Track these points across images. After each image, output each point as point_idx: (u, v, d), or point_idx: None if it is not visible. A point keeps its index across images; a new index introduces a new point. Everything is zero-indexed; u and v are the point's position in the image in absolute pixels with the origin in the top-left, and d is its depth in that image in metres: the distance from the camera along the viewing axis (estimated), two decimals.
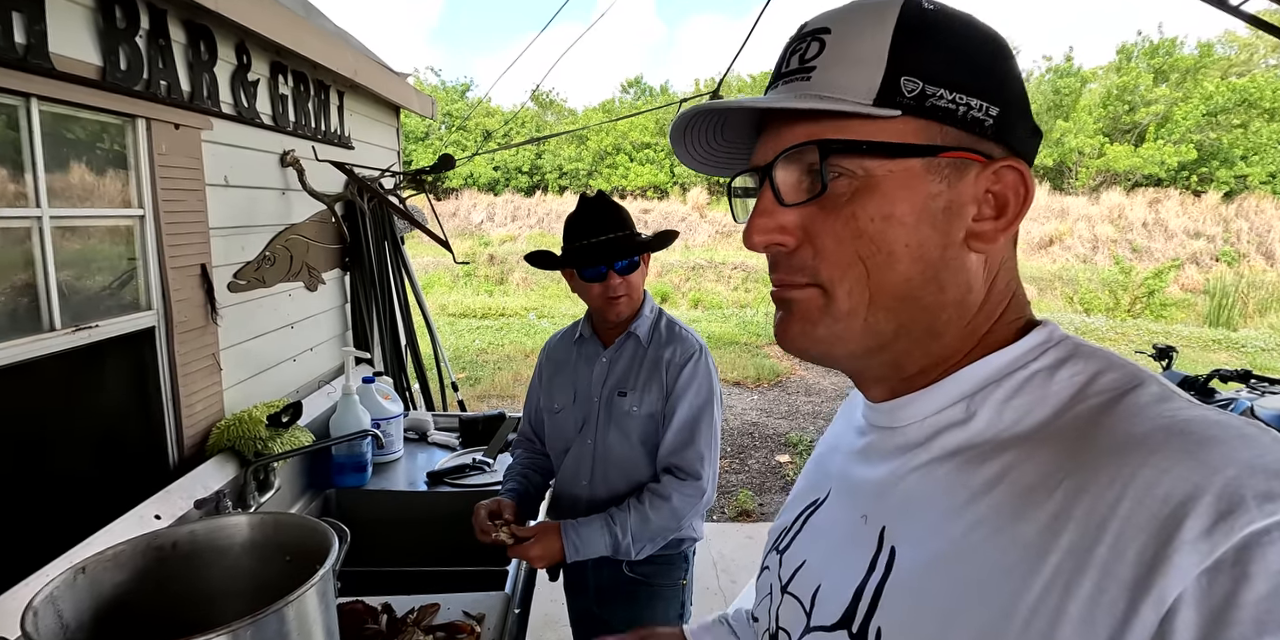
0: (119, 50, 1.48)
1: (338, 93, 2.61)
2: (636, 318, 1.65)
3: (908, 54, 0.48)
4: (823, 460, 0.70)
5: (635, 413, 1.59)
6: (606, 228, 1.57)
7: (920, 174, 0.49)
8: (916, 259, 0.49)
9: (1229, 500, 0.36)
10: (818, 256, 0.50)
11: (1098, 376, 0.47)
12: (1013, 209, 0.50)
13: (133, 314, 1.58)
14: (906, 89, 0.48)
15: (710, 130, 0.57)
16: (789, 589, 0.61)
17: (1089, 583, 0.38)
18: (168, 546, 0.99)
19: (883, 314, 0.50)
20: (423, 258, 13.37)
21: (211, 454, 1.73)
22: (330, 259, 2.62)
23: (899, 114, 0.48)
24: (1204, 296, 12.11)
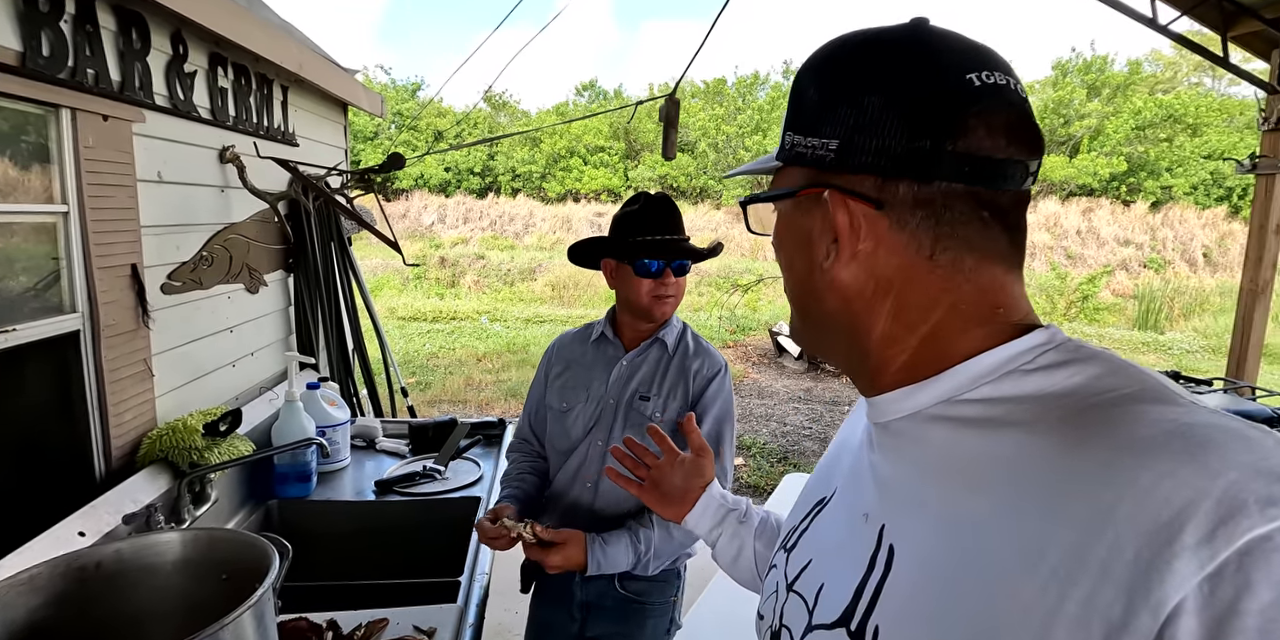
0: (42, 35, 1.38)
1: (281, 87, 2.51)
2: (665, 325, 1.63)
3: (789, 111, 0.57)
4: (834, 458, 0.71)
5: (658, 418, 1.55)
6: (671, 228, 1.57)
7: (792, 210, 0.58)
8: (796, 277, 0.59)
9: (1230, 505, 0.35)
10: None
11: (1098, 378, 0.47)
12: (844, 238, 0.53)
13: (55, 317, 1.48)
14: (786, 143, 0.57)
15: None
16: (794, 587, 0.61)
17: (1086, 584, 0.38)
18: (91, 567, 0.92)
19: (801, 317, 0.62)
20: (371, 260, 13.06)
21: (142, 465, 1.63)
22: (273, 260, 2.51)
23: (781, 165, 0.58)
24: (1134, 301, 12.66)
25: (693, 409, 1.56)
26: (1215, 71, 20.04)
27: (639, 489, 1.02)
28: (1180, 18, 4.50)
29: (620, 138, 20.18)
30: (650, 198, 1.60)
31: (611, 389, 1.61)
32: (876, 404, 0.57)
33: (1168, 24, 4.55)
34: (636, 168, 19.71)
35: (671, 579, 1.62)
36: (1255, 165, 4.50)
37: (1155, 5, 4.48)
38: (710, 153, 18.83)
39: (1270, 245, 4.43)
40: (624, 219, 1.59)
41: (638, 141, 20.27)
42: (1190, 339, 10.11)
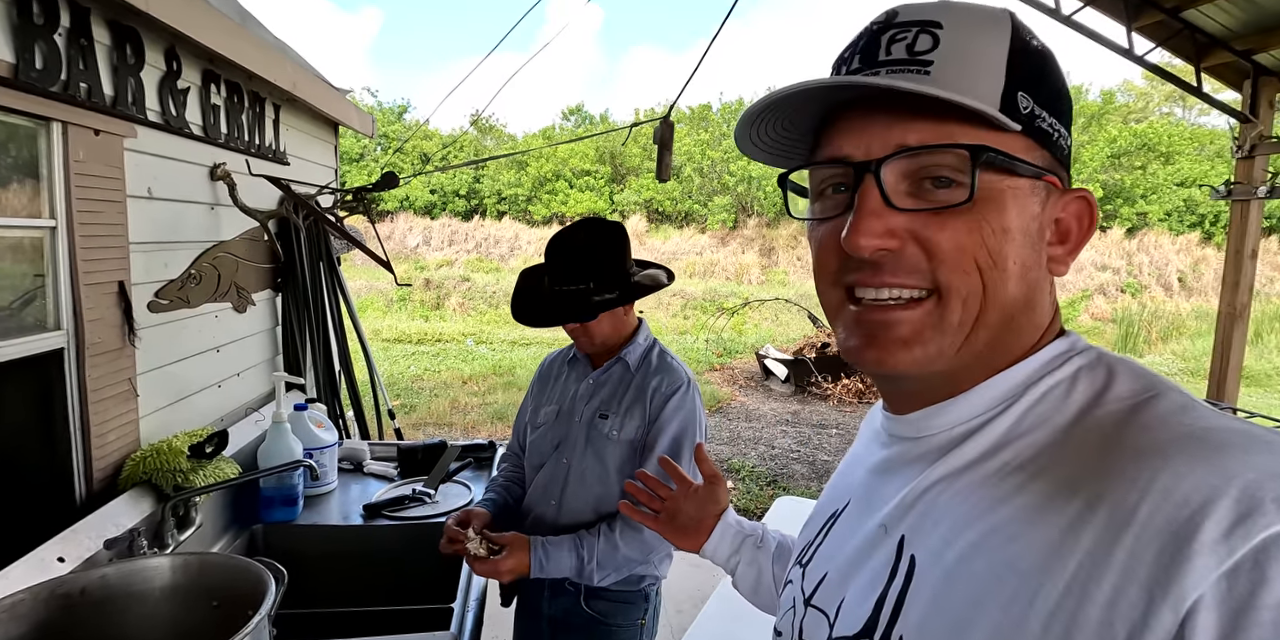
0: (35, 48, 1.36)
1: (274, 106, 2.50)
2: (629, 344, 1.61)
3: (1022, 70, 0.47)
4: (845, 473, 0.70)
5: (614, 437, 1.54)
6: (567, 277, 1.51)
7: (1028, 193, 0.48)
8: (1021, 277, 0.48)
9: (1247, 504, 0.36)
10: (934, 259, 0.47)
11: (1117, 385, 0.48)
12: (1075, 237, 0.51)
13: (39, 334, 1.44)
14: (1021, 105, 0.47)
15: (779, 117, 0.53)
16: (813, 602, 0.60)
17: (1107, 586, 0.38)
18: (75, 594, 0.87)
19: (984, 331, 0.49)
20: (356, 281, 12.97)
21: (125, 488, 1.58)
22: (261, 279, 2.48)
23: (1020, 129, 0.47)
24: (1113, 325, 12.84)
25: (650, 427, 1.54)
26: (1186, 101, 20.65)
27: (654, 522, 1.00)
28: (1155, 49, 4.63)
29: (606, 161, 20.33)
30: (557, 237, 1.54)
31: (576, 407, 1.62)
32: (910, 420, 0.56)
33: (1143, 55, 4.68)
34: (622, 191, 19.83)
35: (638, 601, 1.61)
36: (1230, 191, 4.61)
37: (1131, 37, 4.61)
38: (695, 177, 18.99)
39: (1247, 269, 4.52)
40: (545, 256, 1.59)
41: (623, 165, 20.42)
42: (1169, 362, 10.25)
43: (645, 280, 1.57)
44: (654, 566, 1.59)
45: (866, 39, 0.51)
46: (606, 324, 1.55)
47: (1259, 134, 4.55)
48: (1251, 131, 4.52)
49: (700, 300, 13.57)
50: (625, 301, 1.52)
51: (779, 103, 0.50)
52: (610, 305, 1.50)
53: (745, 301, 11.55)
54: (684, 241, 17.86)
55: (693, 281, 15.49)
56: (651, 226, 18.95)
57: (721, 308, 11.71)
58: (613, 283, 1.51)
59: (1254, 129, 4.52)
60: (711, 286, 14.66)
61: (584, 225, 1.54)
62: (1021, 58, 0.48)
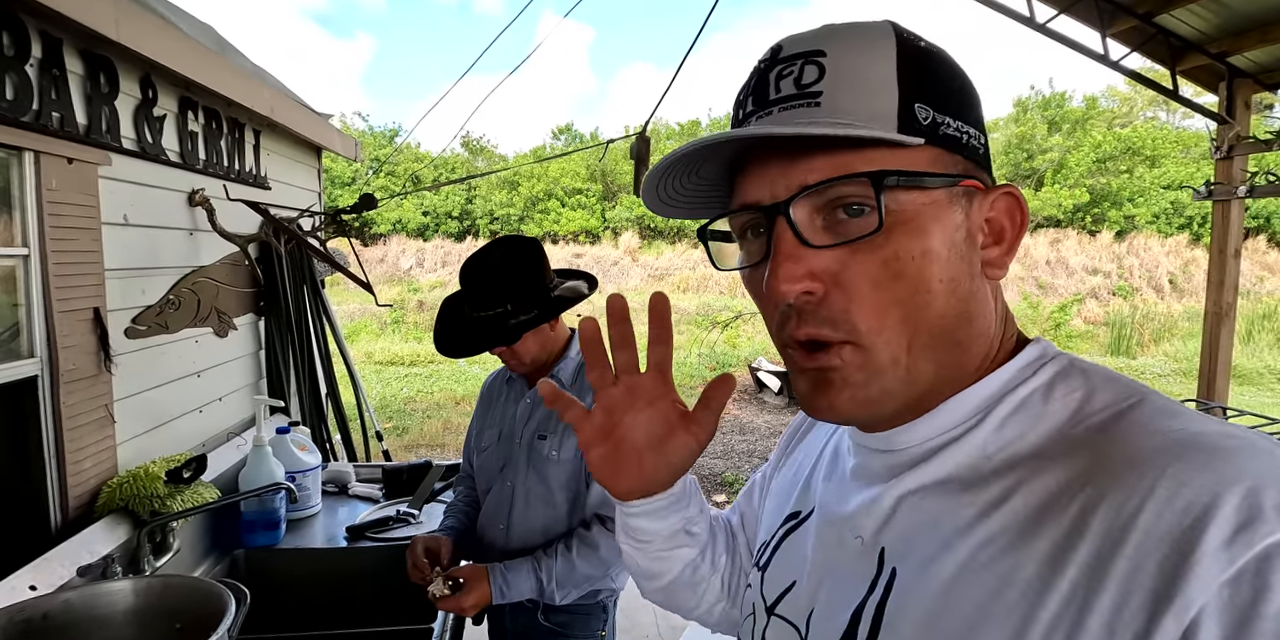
0: (6, 79, 1.38)
1: (254, 131, 2.52)
2: (561, 359, 1.59)
3: (914, 81, 0.47)
4: (802, 474, 0.67)
5: (555, 458, 1.53)
6: (479, 304, 1.49)
7: (946, 205, 0.47)
8: (950, 293, 0.47)
9: (1248, 511, 0.36)
10: (852, 303, 0.46)
11: (1096, 392, 0.47)
12: (1010, 234, 0.50)
13: (12, 361, 1.44)
14: (920, 117, 0.46)
15: (685, 170, 0.52)
16: (777, 611, 0.58)
17: (1108, 596, 0.38)
18: (37, 618, 0.87)
19: (921, 356, 0.48)
20: (349, 305, 12.96)
21: (101, 515, 1.57)
22: (243, 303, 2.48)
23: (922, 142, 0.46)
24: (1105, 328, 12.87)
25: None
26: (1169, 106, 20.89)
27: (585, 417, 0.63)
28: (1131, 54, 4.69)
29: (597, 180, 20.45)
30: (468, 263, 1.51)
31: (516, 429, 1.60)
32: (881, 435, 0.54)
33: (1119, 60, 4.74)
34: (614, 208, 19.93)
35: (595, 613, 1.60)
36: (1211, 192, 4.66)
37: (1107, 43, 4.68)
38: None
39: (1231, 268, 4.55)
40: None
41: (614, 183, 20.54)
42: (1161, 363, 10.27)
43: (566, 293, 1.54)
44: (610, 579, 1.58)
45: (756, 78, 0.51)
46: (533, 343, 1.53)
47: (1236, 135, 4.60)
48: (1229, 132, 4.57)
49: (694, 315, 13.59)
50: (545, 319, 1.49)
51: (675, 163, 0.50)
52: (530, 325, 1.47)
53: (737, 314, 11.56)
54: (677, 257, 17.92)
55: (686, 296, 15.51)
56: (644, 243, 19.02)
57: (714, 321, 11.72)
58: (531, 301, 1.48)
59: (1231, 130, 4.57)
60: (705, 301, 14.68)
61: (495, 246, 1.51)
62: (912, 67, 0.47)
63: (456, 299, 1.61)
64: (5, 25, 1.37)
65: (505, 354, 1.54)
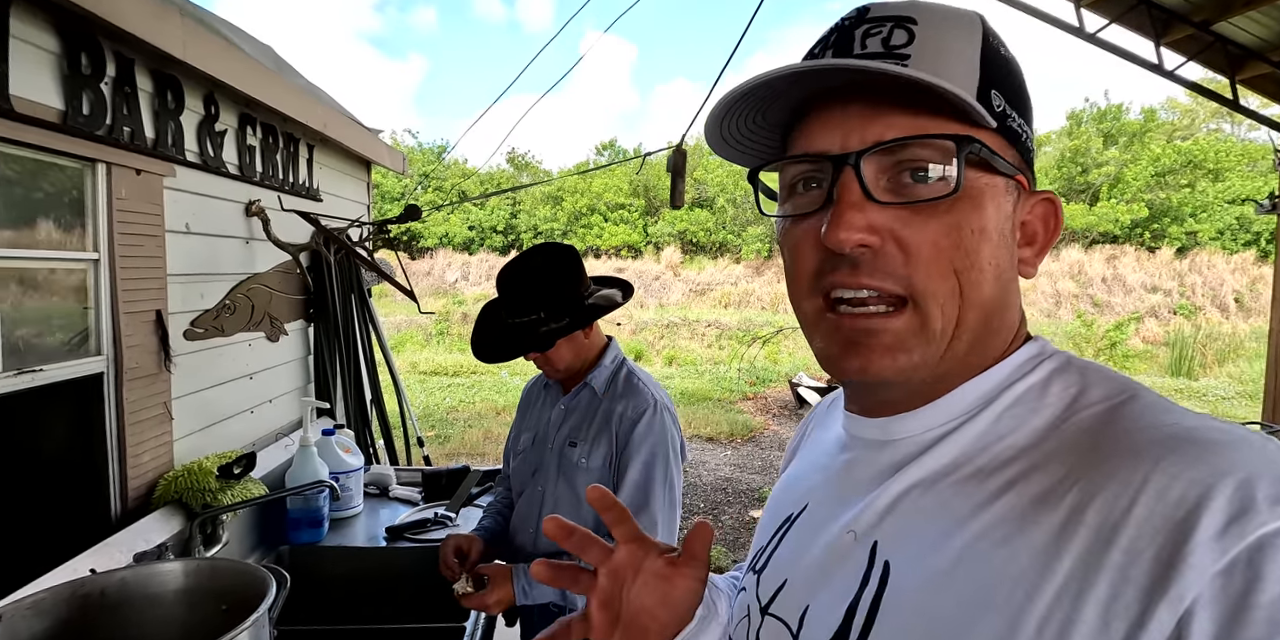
0: (83, 95, 1.49)
1: (307, 145, 2.64)
2: (594, 368, 1.61)
3: (992, 69, 0.47)
4: (800, 475, 0.67)
5: (584, 465, 1.54)
6: (514, 310, 1.52)
7: (1002, 192, 0.48)
8: (996, 279, 0.48)
9: (1241, 503, 0.36)
10: (910, 262, 0.46)
11: (1091, 388, 0.48)
12: (1042, 238, 0.51)
13: (81, 359, 1.54)
14: (995, 103, 0.47)
15: (752, 109, 0.51)
16: (770, 610, 0.58)
17: (1103, 587, 0.38)
18: (95, 594, 0.93)
19: (965, 335, 0.48)
20: (395, 316, 13.27)
21: (157, 506, 1.65)
22: (294, 309, 2.59)
23: (994, 125, 0.46)
24: (1165, 348, 12.39)
25: (619, 454, 1.51)
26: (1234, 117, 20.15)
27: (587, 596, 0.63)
28: (1187, 63, 4.56)
29: (640, 195, 20.61)
30: (503, 271, 1.53)
31: (549, 434, 1.62)
32: (878, 423, 0.55)
33: (1175, 70, 4.61)
34: (656, 223, 20.04)
35: None
36: (1275, 205, 4.49)
37: (1160, 52, 4.56)
38: (729, 208, 19.11)
39: None
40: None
41: (657, 198, 20.66)
42: (1225, 385, 9.83)
43: (600, 301, 1.56)
44: None
45: (838, 34, 0.50)
46: (566, 351, 1.54)
47: None
48: None
49: (735, 330, 13.54)
50: (577, 327, 1.51)
51: (751, 92, 0.48)
52: (562, 333, 1.49)
53: (779, 329, 11.48)
54: (718, 272, 17.89)
55: (727, 312, 15.47)
56: (686, 257, 19.06)
57: (755, 336, 11.66)
58: (563, 310, 1.50)
59: None
60: (746, 316, 14.62)
61: (532, 254, 1.53)
62: (993, 58, 0.48)
63: (495, 305, 1.64)
64: (83, 46, 1.48)
65: (539, 360, 1.56)
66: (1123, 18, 4.34)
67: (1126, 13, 4.27)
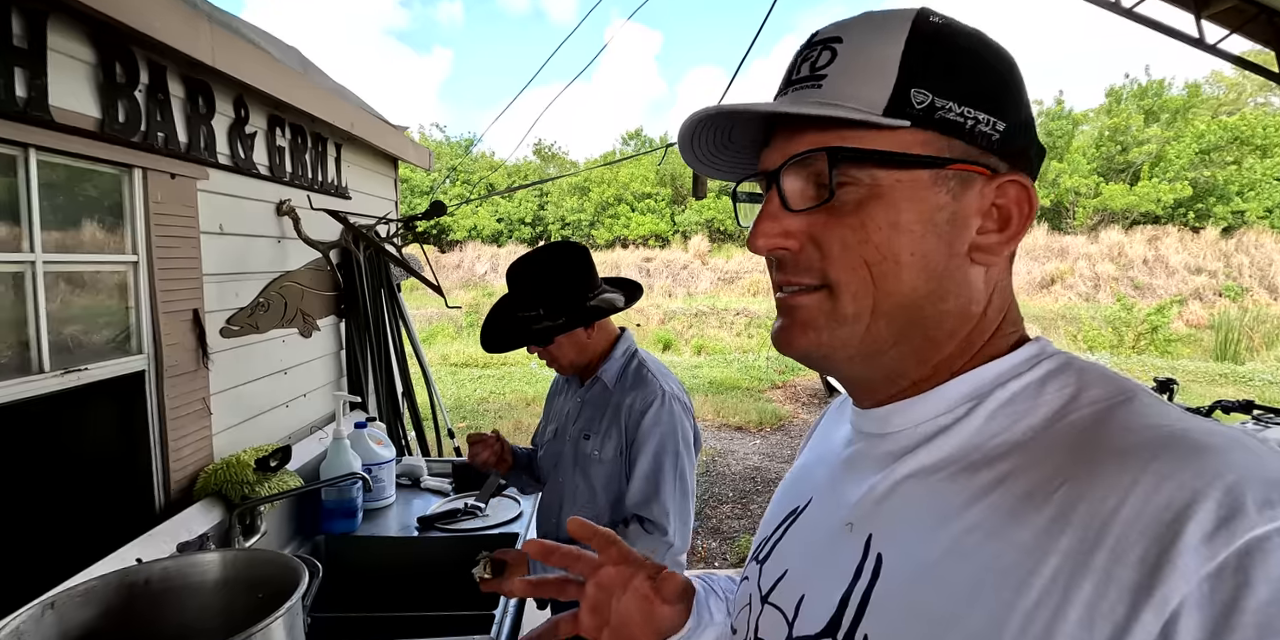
0: (118, 103, 1.54)
1: (335, 144, 2.69)
2: (605, 360, 1.64)
3: (919, 66, 0.49)
4: (808, 468, 0.69)
5: (597, 457, 1.57)
6: (518, 304, 1.57)
7: (927, 185, 0.50)
8: (921, 268, 0.50)
9: (1230, 506, 0.37)
10: (824, 258, 0.51)
11: (1088, 387, 0.48)
12: (1015, 223, 0.52)
13: (123, 357, 1.60)
14: (916, 101, 0.49)
15: (719, 134, 0.57)
16: (770, 599, 0.60)
17: (1088, 586, 0.38)
18: (140, 583, 0.98)
19: (884, 321, 0.51)
20: (426, 309, 13.46)
21: (198, 498, 1.72)
22: (325, 306, 2.65)
23: (907, 124, 0.49)
24: (1209, 331, 12.05)
25: (629, 446, 1.54)
26: None
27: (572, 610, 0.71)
28: (1230, 36, 4.41)
29: (667, 184, 20.56)
30: (512, 266, 1.58)
31: (566, 427, 1.66)
32: (876, 415, 0.56)
33: (1216, 43, 4.46)
34: (683, 212, 19.99)
35: None
36: None
37: (1202, 25, 4.42)
38: None
39: None
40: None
41: (683, 187, 20.60)
42: (1273, 370, 9.53)
43: (601, 304, 1.59)
44: None
45: (791, 60, 0.56)
46: (568, 348, 1.59)
47: None
48: None
49: (764, 318, 13.48)
50: (573, 326, 1.54)
51: (702, 122, 0.55)
52: (559, 330, 1.54)
53: None
54: (746, 260, 17.81)
55: (756, 300, 15.40)
56: (714, 246, 18.98)
57: None
58: (562, 308, 1.54)
59: None
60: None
61: (542, 251, 1.58)
62: (920, 53, 0.49)
63: (507, 298, 1.70)
64: (118, 56, 1.53)
65: (543, 354, 1.62)
66: None
67: None
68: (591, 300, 1.59)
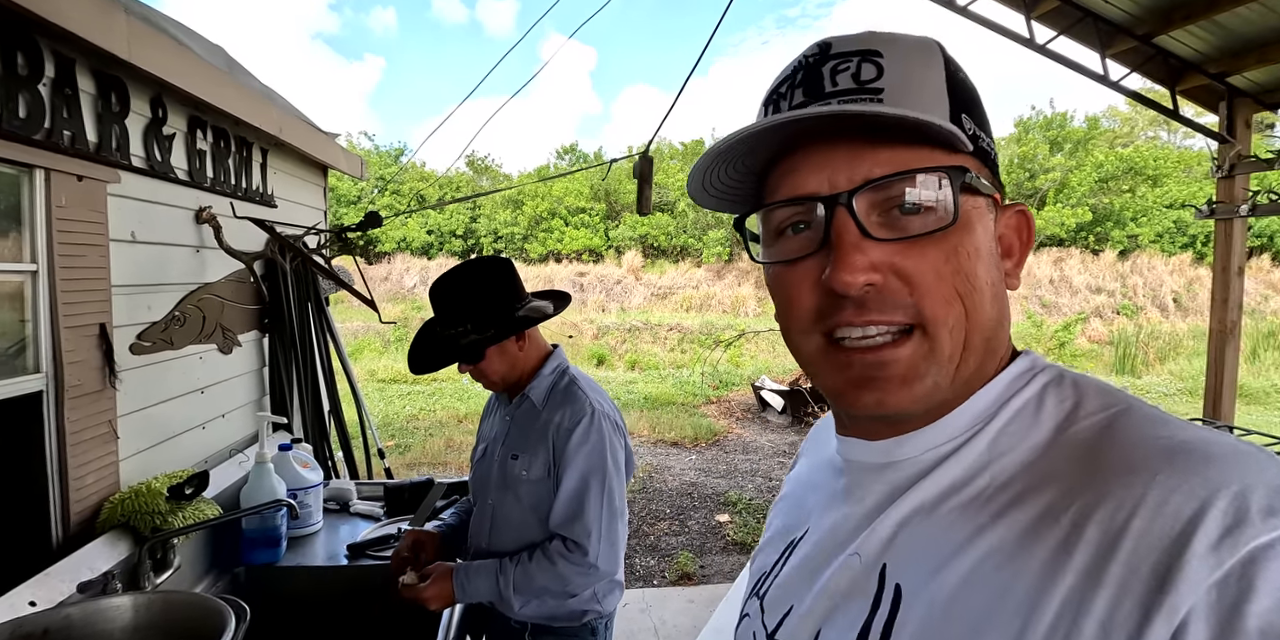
0: (19, 97, 1.40)
1: (261, 150, 2.55)
2: (533, 377, 1.60)
3: (958, 93, 0.49)
4: (798, 499, 0.67)
5: (525, 477, 1.54)
6: (444, 322, 1.56)
7: (985, 212, 0.49)
8: (995, 297, 0.49)
9: (1234, 515, 0.37)
10: (916, 292, 0.46)
11: (1085, 400, 0.48)
12: (1018, 250, 0.52)
13: (18, 377, 1.45)
14: (967, 127, 0.48)
15: (731, 160, 0.52)
16: (778, 636, 0.57)
17: (1103, 601, 0.38)
18: (38, 633, 0.87)
19: (971, 357, 0.48)
20: (353, 323, 12.99)
21: (102, 531, 1.56)
22: (248, 320, 2.49)
23: (971, 150, 0.48)
24: (1109, 347, 12.83)
25: (556, 464, 1.51)
26: (1170, 125, 21.03)
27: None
28: (1130, 74, 4.73)
29: (601, 199, 20.58)
30: (433, 287, 1.56)
31: (494, 447, 1.63)
32: (879, 447, 0.54)
33: (1119, 80, 4.78)
34: (617, 227, 20.03)
35: (584, 634, 1.60)
36: (1213, 211, 4.67)
37: (1106, 64, 4.72)
38: (689, 212, 19.20)
39: (1234, 287, 4.54)
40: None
41: (618, 202, 20.66)
42: (1167, 382, 10.22)
43: (530, 313, 1.56)
44: (595, 601, 1.58)
45: (804, 72, 0.51)
46: (498, 362, 1.55)
47: (1237, 154, 4.63)
48: (1230, 152, 4.60)
49: (697, 334, 13.59)
50: (502, 337, 1.51)
51: (741, 143, 0.48)
52: (489, 342, 1.50)
53: (740, 333, 11.56)
54: (679, 276, 17.96)
55: (689, 315, 15.52)
56: (648, 262, 19.08)
57: (718, 340, 11.71)
58: (490, 321, 1.51)
59: (1232, 149, 4.59)
60: (708, 320, 14.70)
61: (461, 268, 1.55)
62: (957, 83, 0.49)
63: (431, 320, 1.65)
64: (19, 45, 1.39)
65: (474, 372, 1.57)
66: (1071, 30, 4.47)
67: (1074, 25, 4.41)
68: (520, 310, 1.56)
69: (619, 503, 1.52)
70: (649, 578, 4.14)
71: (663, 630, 3.39)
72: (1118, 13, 4.22)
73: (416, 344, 1.63)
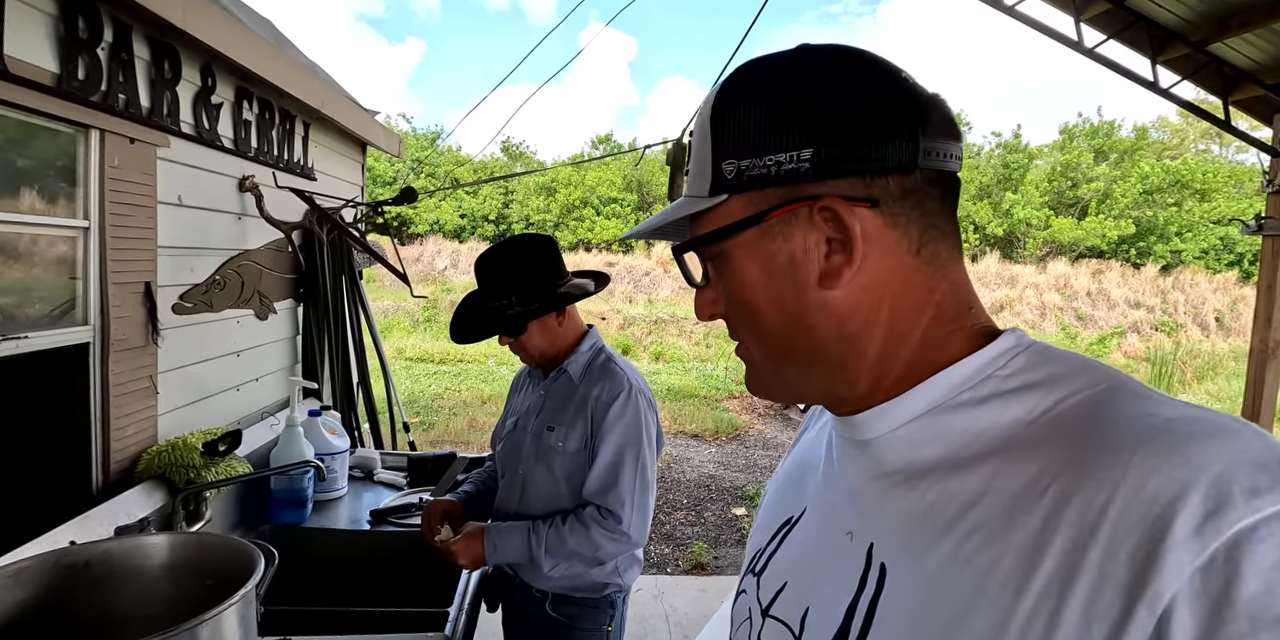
0: (78, 59, 1.46)
1: (303, 123, 2.61)
2: (571, 353, 1.64)
3: (719, 140, 0.53)
4: (796, 477, 0.67)
5: (560, 448, 1.57)
6: (486, 294, 1.59)
7: (755, 241, 0.53)
8: (779, 311, 0.53)
9: (1216, 497, 0.36)
10: (730, 323, 0.57)
11: (1070, 377, 0.47)
12: (857, 242, 0.49)
13: (68, 328, 1.51)
14: (726, 172, 0.52)
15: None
16: (771, 612, 0.58)
17: (1083, 586, 0.38)
18: (79, 565, 0.91)
19: (780, 361, 0.55)
20: (383, 301, 13.18)
21: (140, 480, 1.63)
22: (284, 288, 2.55)
23: (725, 197, 0.53)
24: (1146, 363, 12.54)
25: (593, 436, 1.55)
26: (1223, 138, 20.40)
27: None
28: (1181, 82, 4.61)
29: (633, 190, 20.58)
30: (480, 260, 1.59)
31: (528, 420, 1.65)
32: (855, 423, 0.54)
33: (1169, 88, 4.65)
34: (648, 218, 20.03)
35: (603, 607, 1.63)
36: (1261, 226, 4.54)
37: (1157, 70, 4.60)
38: None
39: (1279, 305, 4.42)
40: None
41: (650, 194, 20.65)
42: (1203, 402, 9.97)
43: (573, 290, 1.60)
44: (617, 574, 1.62)
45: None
46: (538, 336, 1.58)
47: None
48: None
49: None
50: (546, 311, 1.55)
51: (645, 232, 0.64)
52: (531, 316, 1.54)
53: None
54: None
55: None
56: None
57: None
58: (533, 295, 1.55)
59: None
60: None
61: (508, 242, 1.59)
62: (719, 127, 0.53)
63: (475, 293, 1.68)
64: (81, 10, 1.44)
65: (514, 346, 1.60)
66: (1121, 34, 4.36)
67: (1125, 29, 4.30)
68: (562, 287, 1.59)
69: (650, 476, 1.57)
70: (663, 565, 4.17)
71: (674, 617, 3.41)
72: (1171, 18, 4.10)
73: (459, 314, 1.66)
